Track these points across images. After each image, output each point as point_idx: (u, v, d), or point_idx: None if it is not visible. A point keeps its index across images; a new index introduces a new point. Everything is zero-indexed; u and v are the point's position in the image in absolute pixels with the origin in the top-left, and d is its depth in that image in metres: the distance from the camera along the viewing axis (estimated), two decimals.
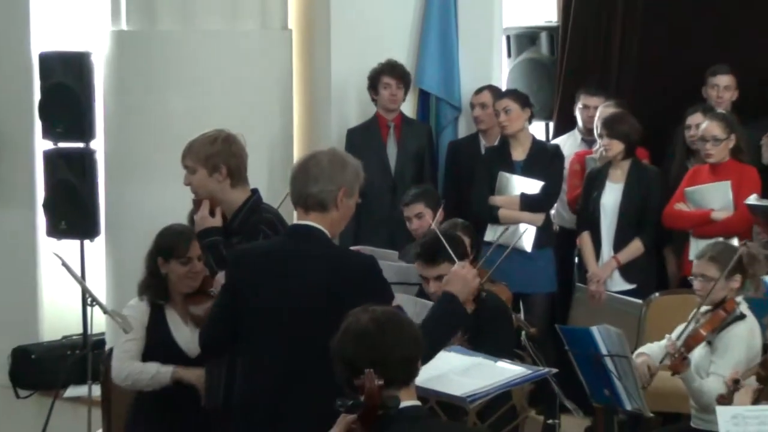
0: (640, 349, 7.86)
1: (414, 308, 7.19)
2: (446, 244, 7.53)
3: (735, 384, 6.91)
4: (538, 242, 9.92)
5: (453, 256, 7.37)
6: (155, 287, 7.69)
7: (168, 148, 7.93)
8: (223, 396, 6.58)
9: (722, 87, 10.22)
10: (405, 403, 4.83)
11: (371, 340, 4.89)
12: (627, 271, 9.82)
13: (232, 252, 6.76)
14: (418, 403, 4.94)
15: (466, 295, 6.21)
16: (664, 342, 7.68)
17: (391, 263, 8.19)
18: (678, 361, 7.40)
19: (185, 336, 7.57)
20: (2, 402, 11.84)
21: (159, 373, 7.42)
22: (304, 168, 6.24)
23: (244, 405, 6.19)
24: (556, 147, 10.70)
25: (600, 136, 9.97)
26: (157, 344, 7.58)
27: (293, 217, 6.54)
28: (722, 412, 6.50)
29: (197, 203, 7.37)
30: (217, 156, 7.33)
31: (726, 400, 6.90)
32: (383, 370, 4.80)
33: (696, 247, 9.09)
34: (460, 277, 6.28)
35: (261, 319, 6.09)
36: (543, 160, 10.35)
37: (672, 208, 9.79)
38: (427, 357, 5.49)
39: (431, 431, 5.03)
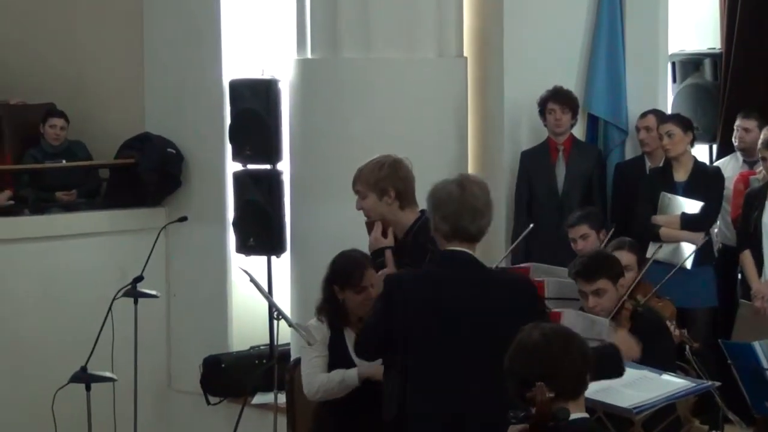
0: None
1: (581, 322, 7.20)
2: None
3: None
4: (699, 260, 9.85)
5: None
6: (332, 312, 7.73)
7: (350, 169, 7.98)
8: (397, 406, 6.59)
9: None
10: (574, 415, 4.86)
11: (542, 355, 4.93)
12: None
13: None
14: (586, 415, 4.98)
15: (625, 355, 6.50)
16: None
17: (562, 279, 8.20)
18: None
19: None
20: (194, 408, 11.97)
21: (345, 377, 7.47)
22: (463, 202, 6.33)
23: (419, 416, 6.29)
24: (717, 169, 10.63)
25: (763, 158, 9.93)
26: (336, 364, 7.61)
27: None
28: None
29: (369, 225, 7.47)
30: (384, 180, 7.42)
31: None
32: (553, 383, 4.84)
33: None
34: (628, 344, 6.68)
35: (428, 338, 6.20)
36: (704, 182, 10.27)
37: None
38: None
39: None
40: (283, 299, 10.27)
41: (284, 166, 10.85)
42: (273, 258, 10.82)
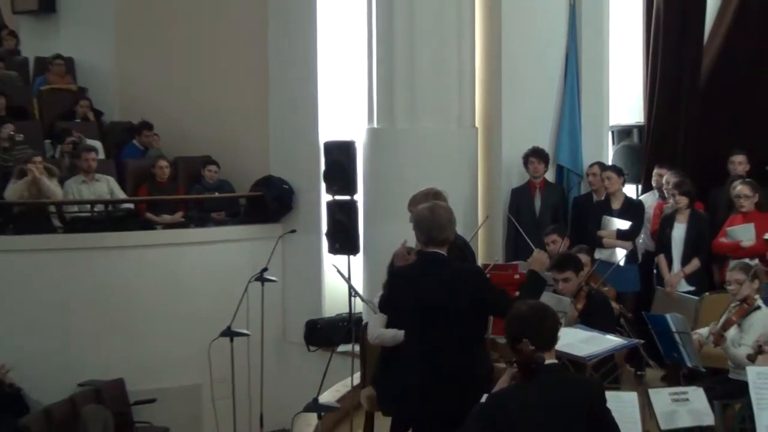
0: (696, 331, 7.79)
1: (553, 300, 7.20)
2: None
3: (759, 348, 6.92)
4: (628, 260, 9.81)
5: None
6: None
7: (401, 199, 8.01)
8: None
9: (737, 162, 10.15)
10: (548, 361, 4.88)
11: (527, 321, 4.93)
12: (689, 279, 9.64)
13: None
14: (556, 360, 4.98)
15: (541, 269, 6.56)
16: (707, 328, 7.63)
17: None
18: (717, 337, 7.38)
19: None
20: (299, 354, 12.04)
21: (396, 334, 7.48)
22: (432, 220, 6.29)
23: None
24: (640, 201, 10.60)
25: (672, 194, 9.89)
26: (391, 324, 7.56)
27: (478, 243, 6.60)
28: (751, 369, 6.49)
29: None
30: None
31: (752, 359, 6.89)
32: (534, 340, 4.87)
33: (732, 265, 8.98)
34: (538, 260, 6.56)
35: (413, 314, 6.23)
36: (632, 209, 10.24)
37: (718, 240, 9.66)
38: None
39: (563, 378, 5.05)
40: (357, 283, 10.32)
41: (358, 197, 10.84)
42: (351, 257, 10.83)
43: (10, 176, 12.12)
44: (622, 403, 5.96)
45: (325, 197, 11.18)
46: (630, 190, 11.00)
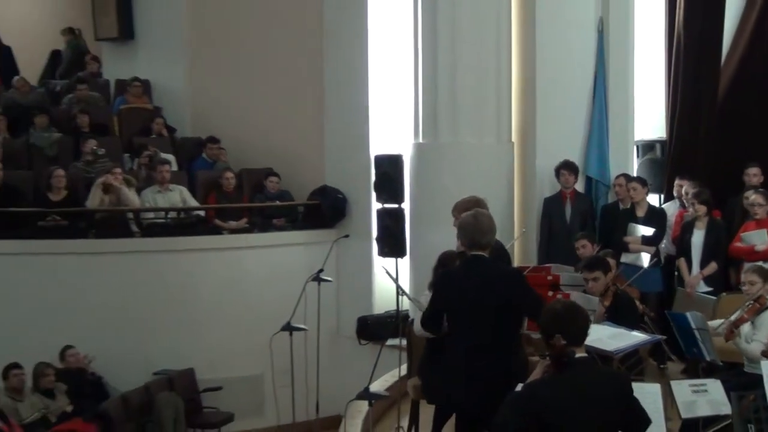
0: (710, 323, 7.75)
1: (582, 299, 7.19)
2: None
3: None
4: (651, 263, 9.74)
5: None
6: None
7: (444, 207, 8.00)
8: None
9: (752, 174, 10.06)
10: (578, 355, 4.86)
11: (559, 318, 4.92)
12: (707, 280, 9.59)
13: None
14: (585, 354, 4.97)
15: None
16: (719, 321, 7.59)
17: (571, 273, 8.19)
18: (728, 333, 7.35)
19: None
20: (351, 347, 12.03)
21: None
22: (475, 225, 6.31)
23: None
24: (663, 209, 10.55)
25: (691, 203, 9.84)
26: None
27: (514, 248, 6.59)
28: (765, 363, 6.49)
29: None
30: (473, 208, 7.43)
31: (766, 355, 6.86)
32: (565, 335, 4.86)
33: (746, 267, 8.92)
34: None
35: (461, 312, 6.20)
36: (654, 217, 10.20)
37: (734, 245, 9.59)
38: None
39: (592, 371, 5.02)
40: (404, 283, 10.30)
41: (405, 205, 10.82)
42: (398, 259, 10.82)
43: (93, 186, 12.25)
44: (646, 394, 5.92)
45: (375, 205, 11.13)
46: (653, 200, 10.94)
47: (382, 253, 10.83)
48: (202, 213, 12.77)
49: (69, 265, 11.92)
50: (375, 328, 11.88)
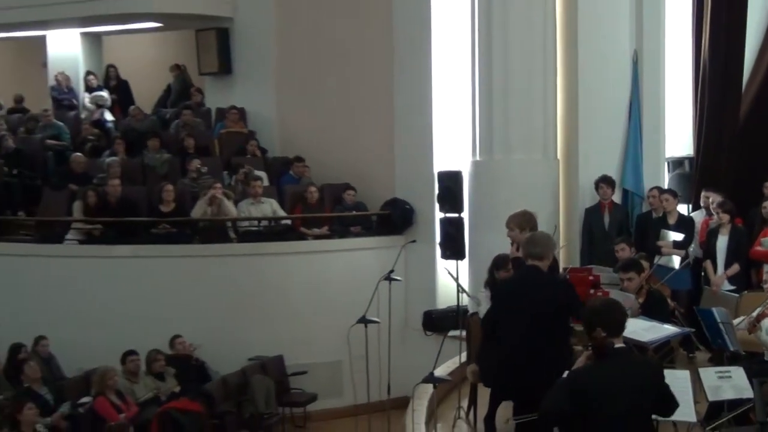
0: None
1: (619, 296, 7.12)
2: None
3: None
4: (682, 265, 9.62)
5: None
6: (492, 284, 7.55)
7: (500, 217, 7.97)
8: None
9: None
10: (617, 345, 4.84)
11: (600, 312, 4.90)
12: (731, 280, 9.47)
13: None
14: (623, 345, 4.94)
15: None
16: (741, 318, 7.48)
17: (609, 274, 8.14)
18: (751, 327, 7.22)
19: None
20: (419, 337, 11.93)
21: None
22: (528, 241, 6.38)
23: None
24: (691, 217, 10.44)
25: (716, 212, 9.71)
26: None
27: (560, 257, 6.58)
28: None
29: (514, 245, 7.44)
30: (524, 221, 7.40)
31: None
32: (605, 328, 4.83)
33: (766, 268, 8.79)
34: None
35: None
36: (684, 224, 10.10)
37: (754, 249, 9.46)
38: None
39: (629, 359, 4.99)
40: (464, 282, 10.24)
41: (464, 214, 10.77)
42: (459, 261, 10.76)
43: (197, 199, 12.43)
44: (677, 379, 5.87)
45: (439, 215, 11.10)
46: (682, 209, 10.82)
47: (445, 255, 10.79)
48: (289, 222, 12.81)
49: (176, 266, 12.11)
50: (438, 321, 11.82)
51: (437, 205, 11.09)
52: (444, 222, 10.70)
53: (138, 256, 12.11)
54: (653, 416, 5.06)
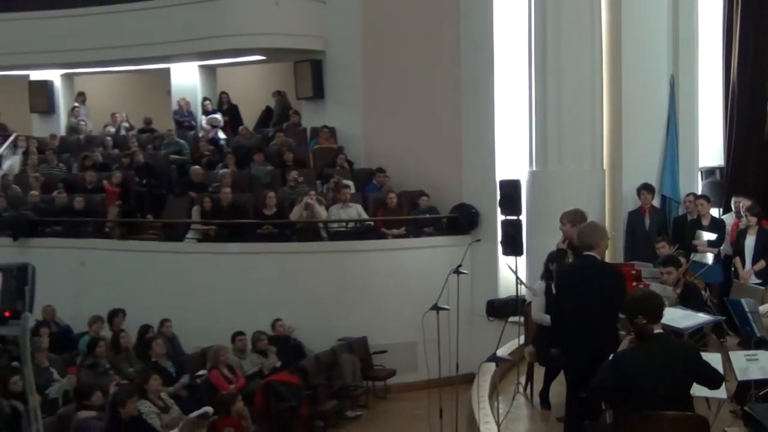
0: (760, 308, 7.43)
1: (659, 288, 7.00)
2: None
3: None
4: (714, 261, 9.39)
5: None
6: (548, 276, 7.47)
7: (552, 218, 7.91)
8: None
9: None
10: (656, 331, 4.79)
11: (641, 301, 4.87)
12: (757, 274, 9.26)
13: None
14: (662, 330, 4.87)
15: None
16: (766, 306, 7.30)
17: (650, 268, 7.99)
18: None
19: None
20: (482, 323, 11.81)
21: (543, 318, 7.36)
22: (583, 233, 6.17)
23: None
24: (722, 220, 10.22)
25: (745, 215, 9.47)
26: (548, 305, 7.38)
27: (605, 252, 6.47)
28: None
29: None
30: (575, 218, 7.29)
31: None
32: (646, 315, 4.76)
33: None
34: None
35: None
36: (716, 226, 9.90)
37: None
38: None
39: (667, 343, 4.91)
40: (522, 275, 10.13)
41: (523, 217, 10.63)
42: (517, 257, 10.65)
43: (295, 204, 12.55)
44: (710, 361, 5.73)
45: (500, 217, 11.02)
46: (714, 212, 10.58)
47: (505, 252, 10.65)
48: (372, 223, 12.84)
49: (277, 261, 12.24)
50: (500, 309, 11.72)
51: (499, 209, 10.99)
52: (505, 224, 10.60)
53: (245, 253, 12.34)
54: (694, 392, 4.95)
